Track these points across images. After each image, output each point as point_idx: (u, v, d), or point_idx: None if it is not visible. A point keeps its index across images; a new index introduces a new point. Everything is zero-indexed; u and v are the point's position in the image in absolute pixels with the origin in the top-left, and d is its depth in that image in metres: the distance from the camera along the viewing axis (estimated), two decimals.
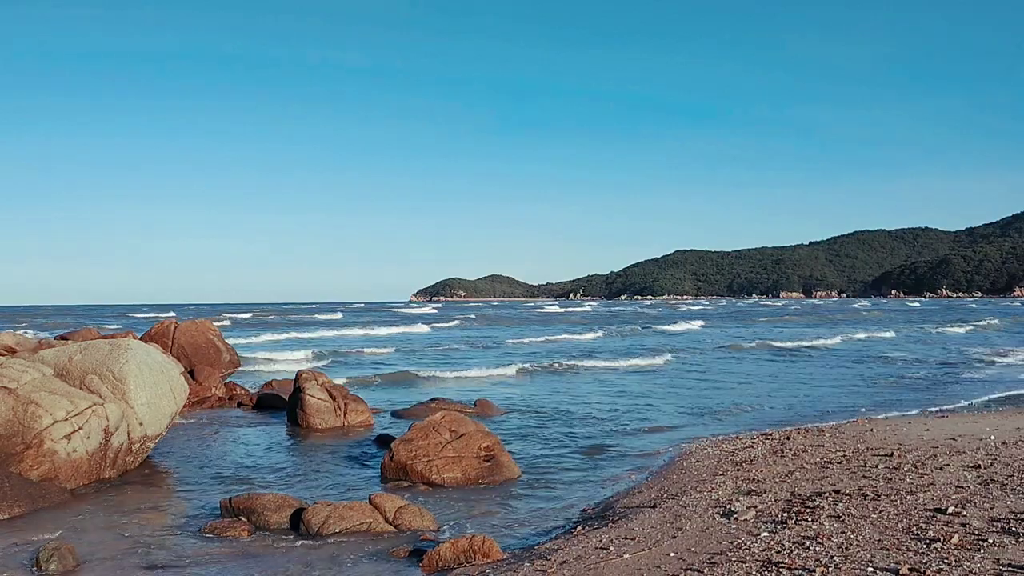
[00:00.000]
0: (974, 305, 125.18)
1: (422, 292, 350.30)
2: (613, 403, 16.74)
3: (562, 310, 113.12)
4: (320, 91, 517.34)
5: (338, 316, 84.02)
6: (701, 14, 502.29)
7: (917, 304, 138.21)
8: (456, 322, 66.57)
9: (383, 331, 50.99)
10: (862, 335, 41.21)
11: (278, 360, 27.73)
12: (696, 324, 58.99)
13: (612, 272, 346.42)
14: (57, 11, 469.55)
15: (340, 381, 17.81)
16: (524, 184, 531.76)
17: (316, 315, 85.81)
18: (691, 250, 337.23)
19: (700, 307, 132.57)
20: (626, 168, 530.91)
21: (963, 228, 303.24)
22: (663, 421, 14.25)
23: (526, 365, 24.62)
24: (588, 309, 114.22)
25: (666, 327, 54.64)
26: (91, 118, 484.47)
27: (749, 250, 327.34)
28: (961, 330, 45.84)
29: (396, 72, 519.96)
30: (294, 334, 45.35)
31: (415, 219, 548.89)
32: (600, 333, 46.85)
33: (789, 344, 35.13)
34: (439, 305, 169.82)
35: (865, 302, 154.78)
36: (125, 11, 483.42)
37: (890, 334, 42.39)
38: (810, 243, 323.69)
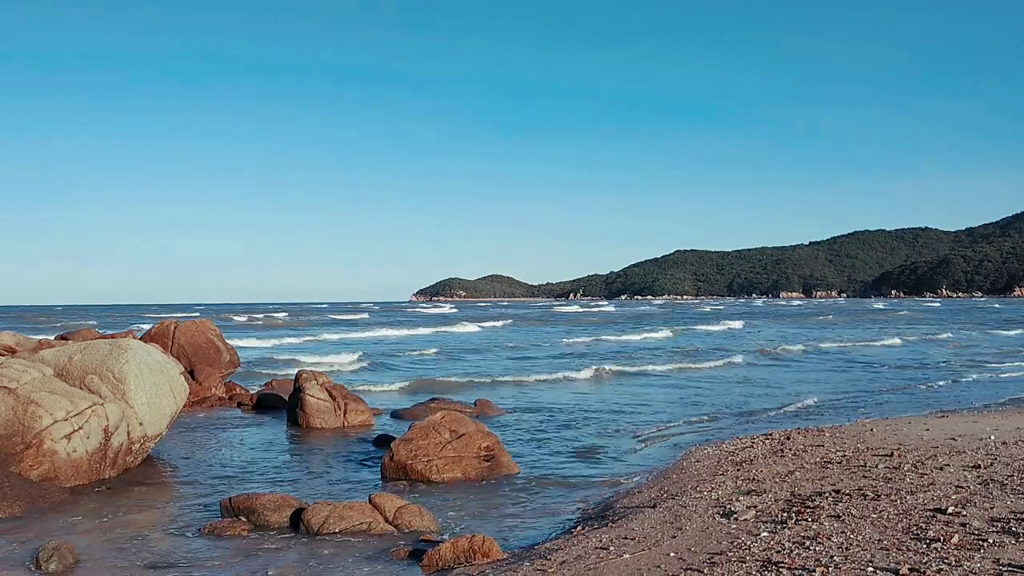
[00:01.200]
0: (997, 305, 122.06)
1: (422, 292, 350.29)
2: (678, 408, 15.96)
3: (583, 310, 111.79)
4: (320, 91, 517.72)
5: (364, 316, 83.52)
6: (701, 14, 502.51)
7: (937, 304, 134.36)
8: (502, 322, 64.93)
9: (425, 331, 50.23)
10: (913, 337, 38.64)
11: (324, 364, 26.21)
12: (736, 324, 57.51)
13: (612, 272, 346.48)
14: (57, 11, 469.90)
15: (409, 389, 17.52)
16: (524, 184, 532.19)
17: (339, 315, 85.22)
18: (691, 250, 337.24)
19: (722, 307, 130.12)
20: (626, 168, 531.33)
21: (963, 228, 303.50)
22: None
23: (605, 367, 23.65)
24: (612, 310, 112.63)
25: (709, 327, 53.22)
26: (91, 118, 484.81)
27: (749, 250, 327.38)
28: (1012, 332, 43.70)
29: (396, 72, 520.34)
30: (333, 335, 44.00)
31: (415, 219, 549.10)
32: (659, 333, 45.26)
33: (850, 344, 33.66)
34: (453, 305, 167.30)
35: (879, 304, 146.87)
36: (125, 11, 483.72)
37: (946, 335, 40.72)
38: (810, 243, 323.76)
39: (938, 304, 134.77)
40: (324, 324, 62.23)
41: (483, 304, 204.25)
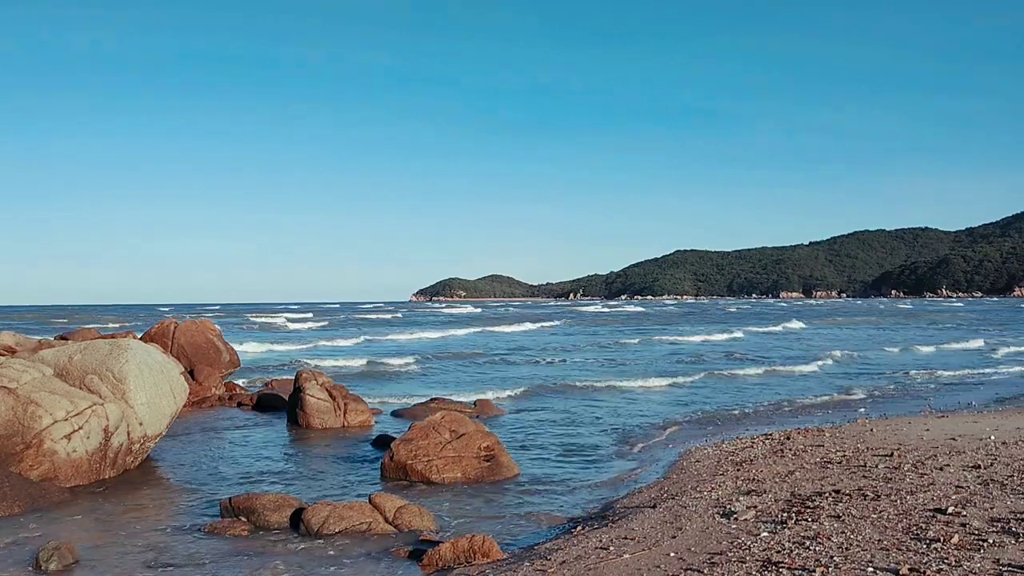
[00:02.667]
0: None
1: (422, 292, 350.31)
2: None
3: (608, 309, 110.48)
4: (320, 91, 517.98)
5: (397, 315, 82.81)
6: (701, 14, 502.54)
7: (959, 304, 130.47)
8: (554, 322, 62.69)
9: (471, 329, 49.55)
10: (979, 342, 34.51)
11: (391, 364, 25.51)
12: (795, 324, 55.25)
13: (612, 272, 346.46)
14: (57, 11, 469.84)
15: (492, 395, 17.06)
16: (524, 184, 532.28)
17: (365, 315, 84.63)
18: (691, 250, 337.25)
19: (747, 307, 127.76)
20: (626, 168, 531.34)
21: (963, 228, 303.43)
22: None
23: (699, 373, 22.18)
24: (639, 309, 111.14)
25: (770, 327, 51.24)
26: (91, 118, 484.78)
27: (749, 250, 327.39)
28: None
29: (396, 72, 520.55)
30: (383, 336, 42.82)
31: (415, 219, 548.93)
32: (738, 334, 42.97)
33: (951, 346, 32.24)
34: (477, 306, 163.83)
35: (906, 303, 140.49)
36: (125, 11, 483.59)
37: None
38: (810, 243, 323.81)
39: (960, 304, 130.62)
40: (364, 325, 60.72)
41: (494, 304, 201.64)
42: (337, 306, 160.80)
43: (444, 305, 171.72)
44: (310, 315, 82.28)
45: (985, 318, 66.23)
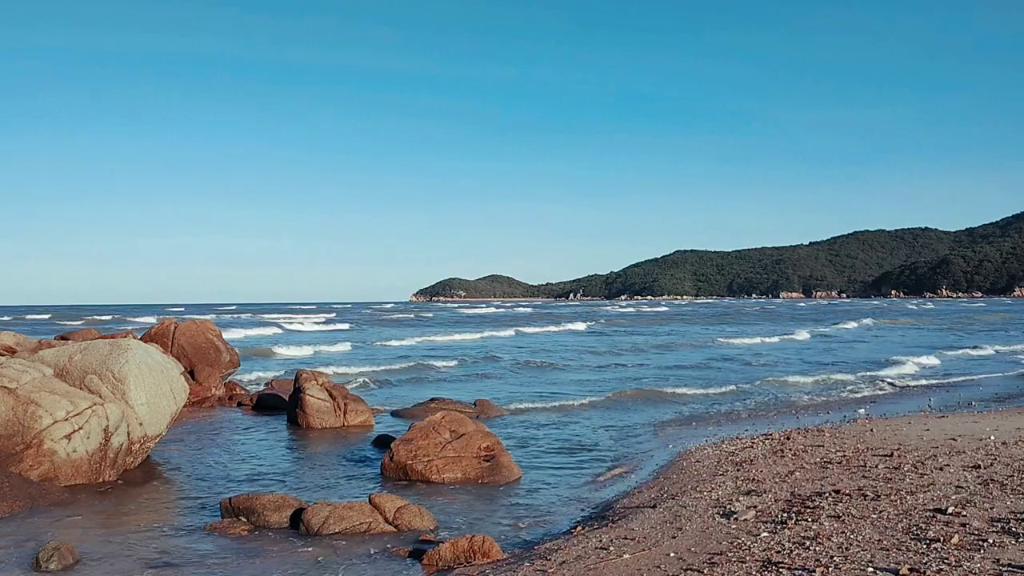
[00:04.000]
0: None
1: (422, 292, 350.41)
2: None
3: (632, 309, 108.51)
4: (320, 91, 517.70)
5: (428, 316, 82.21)
6: (701, 14, 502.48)
7: (983, 304, 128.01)
8: (591, 322, 61.57)
9: (532, 329, 49.14)
10: None
11: (488, 370, 24.26)
12: (866, 321, 53.76)
13: (612, 272, 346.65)
14: (57, 11, 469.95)
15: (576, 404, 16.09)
16: (524, 184, 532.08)
17: (390, 315, 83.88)
18: (691, 250, 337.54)
19: (776, 307, 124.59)
20: (626, 168, 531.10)
21: (963, 228, 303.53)
22: None
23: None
24: (663, 309, 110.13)
25: (840, 326, 49.45)
26: (91, 118, 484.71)
27: (749, 250, 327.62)
28: None
29: (396, 72, 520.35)
30: (440, 336, 41.90)
31: (415, 219, 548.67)
32: (796, 336, 40.62)
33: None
34: (497, 305, 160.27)
35: (913, 304, 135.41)
36: (125, 11, 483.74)
37: None
38: (810, 243, 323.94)
39: (983, 304, 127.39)
40: (391, 325, 60.02)
41: (508, 303, 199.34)
42: (349, 305, 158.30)
43: (458, 304, 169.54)
44: (332, 315, 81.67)
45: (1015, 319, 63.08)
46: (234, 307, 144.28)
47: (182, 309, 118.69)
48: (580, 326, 55.77)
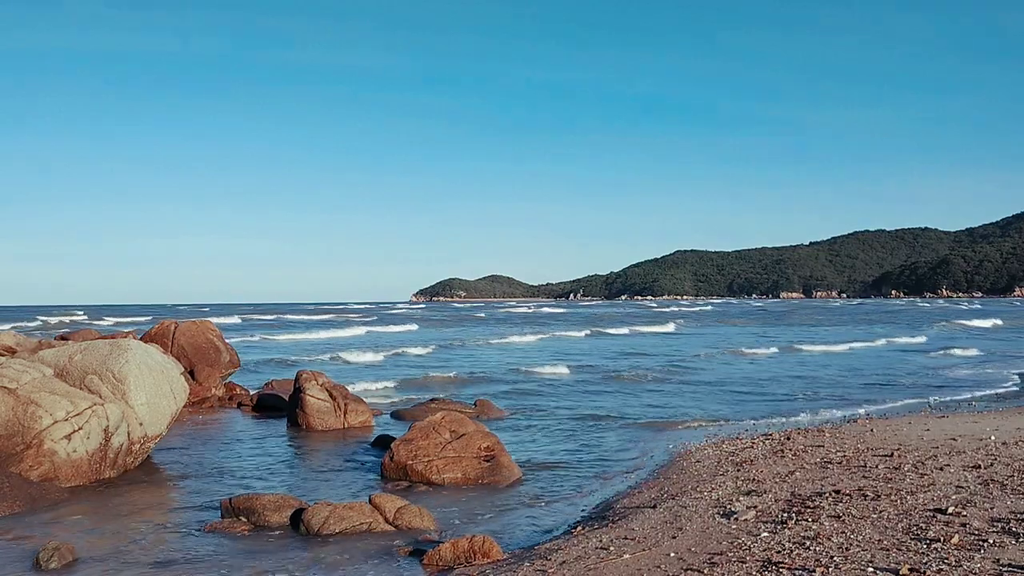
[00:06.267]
0: None
1: (422, 292, 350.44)
2: None
3: (679, 309, 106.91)
4: (320, 91, 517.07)
5: (482, 315, 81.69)
6: (702, 14, 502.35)
7: (1013, 304, 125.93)
8: (677, 323, 60.44)
9: (617, 331, 48.69)
10: None
11: (541, 374, 22.75)
12: (919, 339, 47.28)
13: (612, 272, 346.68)
14: (57, 11, 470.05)
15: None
16: (524, 184, 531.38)
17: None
18: (691, 250, 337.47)
19: (815, 308, 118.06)
20: (626, 168, 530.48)
21: (963, 228, 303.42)
22: None
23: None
24: (709, 308, 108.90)
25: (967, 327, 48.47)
26: (91, 118, 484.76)
27: (749, 250, 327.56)
28: None
29: (396, 71, 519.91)
30: (517, 336, 41.20)
31: (415, 219, 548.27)
32: (923, 337, 38.59)
33: None
34: (556, 305, 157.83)
35: (975, 304, 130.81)
36: (125, 11, 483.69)
37: None
38: (810, 243, 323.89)
39: (1017, 303, 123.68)
40: (452, 324, 59.53)
41: (532, 302, 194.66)
42: (366, 306, 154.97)
43: (518, 305, 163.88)
44: (371, 316, 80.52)
45: None
46: (251, 307, 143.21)
47: (207, 310, 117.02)
48: (669, 327, 54.23)
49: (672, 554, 5.87)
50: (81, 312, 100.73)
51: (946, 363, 25.66)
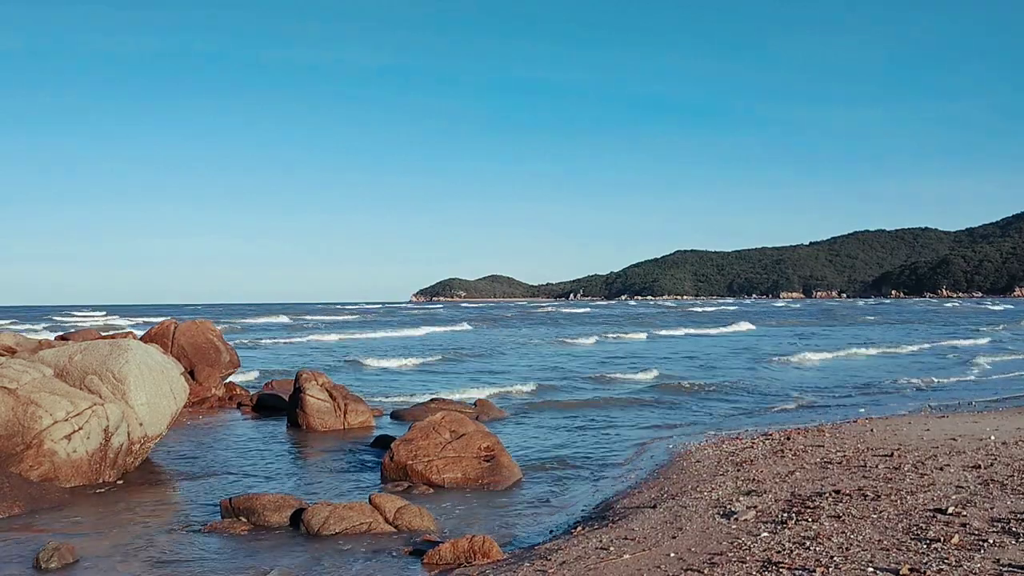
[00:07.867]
0: None
1: (422, 292, 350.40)
2: None
3: (711, 309, 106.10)
4: (320, 91, 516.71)
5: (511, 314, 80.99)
6: (702, 14, 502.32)
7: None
8: (769, 323, 59.46)
9: (672, 332, 48.38)
10: None
11: (623, 380, 21.41)
12: (958, 343, 41.99)
13: (612, 272, 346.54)
14: (57, 11, 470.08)
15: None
16: (524, 183, 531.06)
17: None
18: (691, 250, 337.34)
19: (871, 308, 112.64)
20: (626, 168, 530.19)
21: (963, 228, 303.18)
22: None
23: None
24: (734, 308, 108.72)
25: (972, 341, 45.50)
26: (90, 118, 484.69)
27: (749, 250, 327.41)
28: None
29: (395, 71, 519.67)
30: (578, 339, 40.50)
31: (415, 219, 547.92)
32: (988, 340, 37.22)
33: None
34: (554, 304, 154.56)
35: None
36: (125, 11, 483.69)
37: None
38: (810, 243, 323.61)
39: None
40: (500, 324, 59.08)
41: (544, 303, 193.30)
42: (378, 306, 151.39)
43: (554, 304, 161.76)
44: (393, 317, 79.00)
45: None
46: (292, 307, 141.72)
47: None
48: (745, 326, 53.00)
49: (672, 554, 5.87)
50: (103, 312, 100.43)
51: None
